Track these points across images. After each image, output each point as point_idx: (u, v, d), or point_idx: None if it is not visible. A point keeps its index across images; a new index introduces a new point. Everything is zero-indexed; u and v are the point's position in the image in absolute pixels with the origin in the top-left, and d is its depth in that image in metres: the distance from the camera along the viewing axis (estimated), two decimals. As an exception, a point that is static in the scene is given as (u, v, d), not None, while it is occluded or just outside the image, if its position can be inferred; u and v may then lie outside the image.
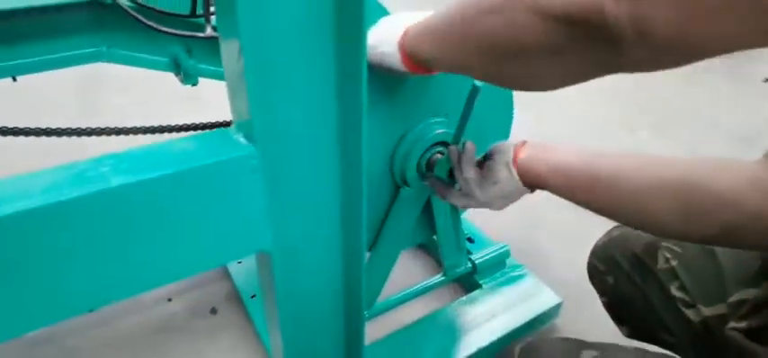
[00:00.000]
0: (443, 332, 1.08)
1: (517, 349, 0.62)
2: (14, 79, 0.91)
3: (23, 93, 1.92)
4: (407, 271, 1.32)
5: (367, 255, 0.99)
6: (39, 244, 0.41)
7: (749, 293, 0.63)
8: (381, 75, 0.71)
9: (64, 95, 2.25)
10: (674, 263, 0.70)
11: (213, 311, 1.22)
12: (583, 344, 0.58)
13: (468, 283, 1.23)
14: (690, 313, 0.67)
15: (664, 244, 0.72)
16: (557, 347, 0.59)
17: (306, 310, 0.67)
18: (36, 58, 0.90)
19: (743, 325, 0.62)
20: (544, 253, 1.44)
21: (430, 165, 0.86)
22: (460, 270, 1.18)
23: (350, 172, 0.57)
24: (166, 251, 0.48)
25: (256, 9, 0.42)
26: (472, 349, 1.03)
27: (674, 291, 0.69)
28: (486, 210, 0.79)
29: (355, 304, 0.70)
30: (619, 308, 0.82)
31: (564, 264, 1.39)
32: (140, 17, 0.81)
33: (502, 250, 1.22)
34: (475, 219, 1.40)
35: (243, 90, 0.45)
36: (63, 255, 0.43)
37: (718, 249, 0.67)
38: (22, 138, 1.01)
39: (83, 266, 0.44)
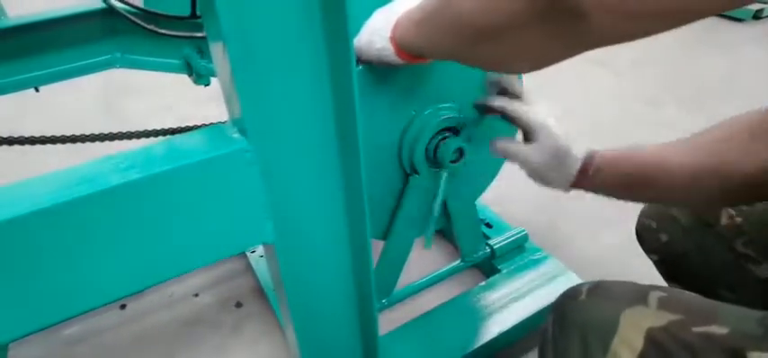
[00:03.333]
0: (464, 318, 1.07)
1: (585, 289, 0.62)
2: (37, 90, 0.96)
3: (47, 104, 2.00)
4: (426, 257, 1.32)
5: (382, 244, 1.00)
6: (44, 243, 0.43)
7: None
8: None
9: (86, 103, 2.33)
10: (739, 220, 0.69)
11: (238, 305, 1.25)
12: (653, 287, 0.58)
13: (487, 268, 1.22)
14: (758, 270, 0.67)
15: None
16: (627, 286, 0.59)
17: (315, 299, 0.68)
18: (54, 69, 0.95)
19: None
20: (563, 235, 1.41)
21: (436, 153, 0.86)
22: (479, 255, 1.17)
23: (349, 161, 0.57)
24: (169, 245, 0.50)
25: (236, 9, 0.42)
26: (493, 334, 1.03)
27: (740, 248, 0.68)
28: (501, 196, 0.78)
29: (366, 291, 0.71)
30: (673, 266, 0.80)
31: (584, 246, 1.36)
32: (141, 22, 0.83)
33: (520, 234, 1.20)
34: (492, 204, 1.39)
35: (232, 87, 0.46)
36: (68, 252, 0.45)
37: None
38: (49, 146, 1.05)
39: (88, 263, 0.46)
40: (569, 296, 0.63)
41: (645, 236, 0.84)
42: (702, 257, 0.73)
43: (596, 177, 0.70)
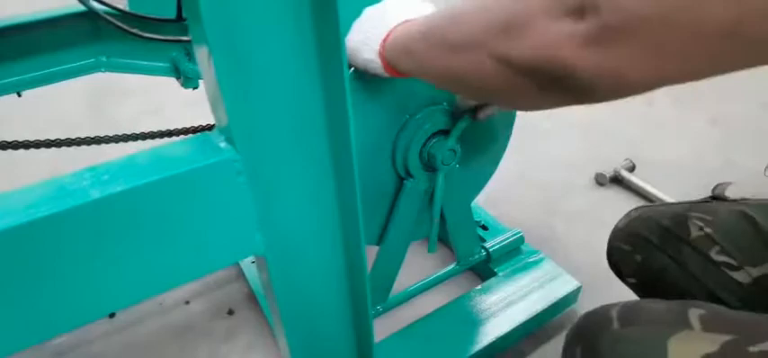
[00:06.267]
0: (460, 322, 1.06)
1: (614, 313, 0.57)
2: (19, 95, 0.93)
3: (33, 109, 1.97)
4: (422, 262, 1.30)
5: (376, 249, 0.98)
6: (21, 261, 0.41)
7: None
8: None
9: (73, 108, 2.30)
10: (708, 230, 0.70)
11: (230, 312, 1.23)
12: (687, 303, 0.55)
13: (483, 271, 1.21)
14: (738, 275, 0.68)
15: (692, 213, 0.73)
16: (660, 307, 0.56)
17: (308, 308, 0.66)
18: (37, 73, 0.92)
19: None
20: (560, 238, 1.40)
21: (430, 156, 0.85)
22: (474, 258, 1.15)
23: (342, 168, 0.55)
24: (155, 260, 0.48)
25: (222, 12, 0.40)
26: (490, 338, 1.02)
27: (716, 256, 0.69)
28: (496, 197, 0.77)
29: (361, 300, 0.69)
30: (651, 285, 0.78)
31: (581, 248, 1.35)
32: (124, 25, 0.81)
33: (516, 236, 1.19)
34: (487, 205, 1.37)
35: (218, 94, 0.44)
36: (47, 270, 0.43)
37: (752, 212, 0.69)
38: (33, 152, 1.02)
39: (70, 281, 0.44)
40: (597, 324, 0.57)
41: (619, 260, 0.82)
42: (681, 270, 0.73)
43: None
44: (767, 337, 0.47)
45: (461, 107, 0.84)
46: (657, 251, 0.75)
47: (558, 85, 0.39)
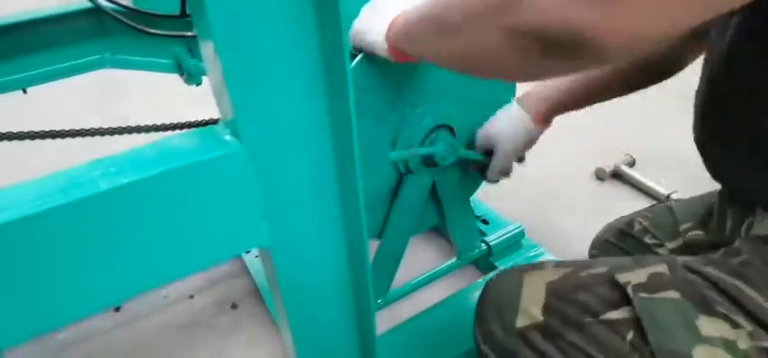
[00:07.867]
0: (461, 316, 1.07)
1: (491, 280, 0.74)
2: (24, 91, 0.94)
3: (37, 107, 1.98)
4: (422, 255, 1.31)
5: (376, 243, 0.99)
6: (31, 251, 0.42)
7: (691, 223, 0.83)
8: (376, 62, 0.71)
9: (77, 105, 2.30)
10: (645, 223, 0.89)
11: (234, 306, 1.24)
12: (549, 261, 0.71)
13: (484, 265, 1.22)
14: (660, 251, 0.85)
15: (638, 216, 0.91)
16: (526, 264, 0.72)
17: (312, 301, 0.67)
18: (42, 69, 0.93)
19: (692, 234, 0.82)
20: (560, 231, 1.41)
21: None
22: (475, 253, 1.16)
23: (344, 162, 0.56)
24: (161, 251, 0.49)
25: (226, 6, 0.41)
26: (490, 331, 1.02)
27: (647, 240, 0.87)
28: (497, 191, 0.84)
29: (363, 293, 0.70)
30: None
31: (581, 243, 1.36)
32: (129, 21, 0.82)
33: (517, 230, 1.20)
34: (488, 199, 1.38)
35: (223, 88, 0.45)
36: (56, 260, 0.44)
37: (673, 206, 0.88)
38: (38, 145, 1.03)
39: (78, 271, 0.45)
40: (480, 298, 0.76)
41: None
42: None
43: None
44: (596, 266, 0.64)
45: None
46: (614, 248, 0.93)
47: (566, 50, 0.38)
